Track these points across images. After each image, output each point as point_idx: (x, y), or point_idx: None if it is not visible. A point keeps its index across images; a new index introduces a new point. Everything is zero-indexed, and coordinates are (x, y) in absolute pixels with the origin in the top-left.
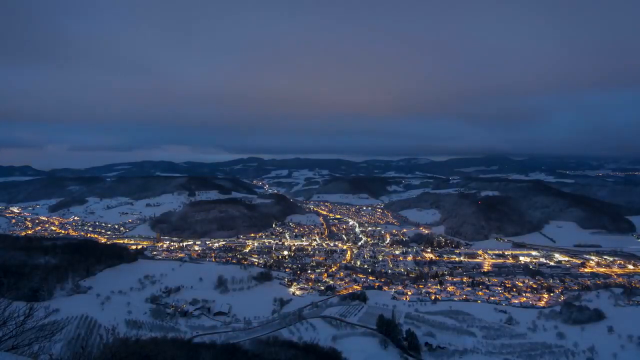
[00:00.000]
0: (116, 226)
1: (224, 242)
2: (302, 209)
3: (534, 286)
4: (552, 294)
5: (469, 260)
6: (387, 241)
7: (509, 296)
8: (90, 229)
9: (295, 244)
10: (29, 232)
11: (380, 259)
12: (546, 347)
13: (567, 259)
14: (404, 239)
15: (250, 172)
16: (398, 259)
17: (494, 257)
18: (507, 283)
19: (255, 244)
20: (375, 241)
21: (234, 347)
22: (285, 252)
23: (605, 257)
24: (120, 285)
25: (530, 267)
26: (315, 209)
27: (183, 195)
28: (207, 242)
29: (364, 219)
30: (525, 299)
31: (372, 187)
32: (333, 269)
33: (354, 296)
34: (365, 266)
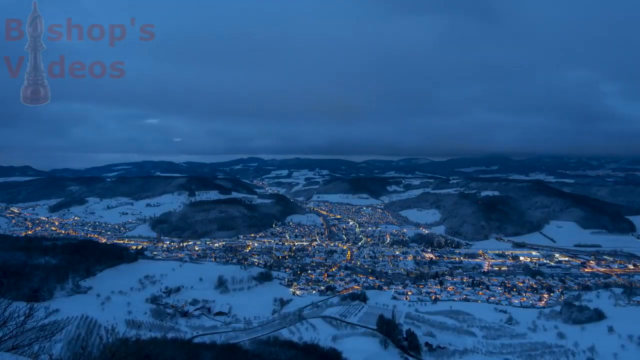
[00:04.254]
0: (116, 226)
1: (224, 242)
2: (302, 209)
3: (534, 286)
4: (552, 294)
5: (469, 260)
6: (387, 241)
7: (509, 296)
8: (90, 229)
9: (296, 244)
10: (29, 232)
11: (381, 259)
12: (546, 347)
13: (567, 258)
14: (404, 239)
15: (250, 172)
16: (398, 259)
17: (494, 257)
18: (507, 283)
19: (256, 244)
20: (376, 241)
21: (234, 347)
22: (286, 252)
23: (605, 257)
24: (121, 285)
25: (531, 267)
26: (315, 209)
27: (183, 195)
28: (207, 242)
29: (364, 219)
30: (525, 298)
31: (372, 187)
32: (333, 269)
33: (354, 296)
34: (366, 266)
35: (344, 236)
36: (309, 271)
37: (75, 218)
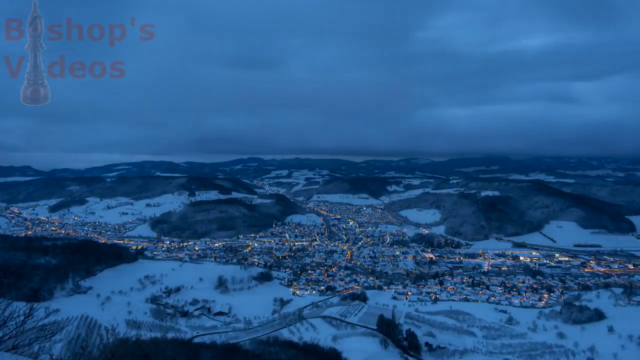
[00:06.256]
0: (116, 226)
1: (224, 242)
2: (303, 209)
3: (534, 286)
4: (552, 294)
5: (469, 260)
6: (387, 241)
7: (509, 296)
8: (90, 229)
9: (296, 244)
10: (29, 232)
11: (381, 259)
12: (546, 347)
13: (567, 258)
14: (404, 239)
15: (250, 172)
16: (398, 259)
17: (494, 257)
18: (507, 283)
19: (256, 244)
20: (376, 241)
21: (234, 347)
22: (286, 252)
23: (605, 257)
24: (121, 285)
25: (531, 267)
26: (315, 209)
27: (183, 195)
28: (207, 242)
29: (364, 219)
30: (525, 298)
31: (372, 187)
32: (333, 269)
33: (354, 296)
34: (366, 266)
35: (344, 236)
36: (309, 271)
37: (75, 218)
